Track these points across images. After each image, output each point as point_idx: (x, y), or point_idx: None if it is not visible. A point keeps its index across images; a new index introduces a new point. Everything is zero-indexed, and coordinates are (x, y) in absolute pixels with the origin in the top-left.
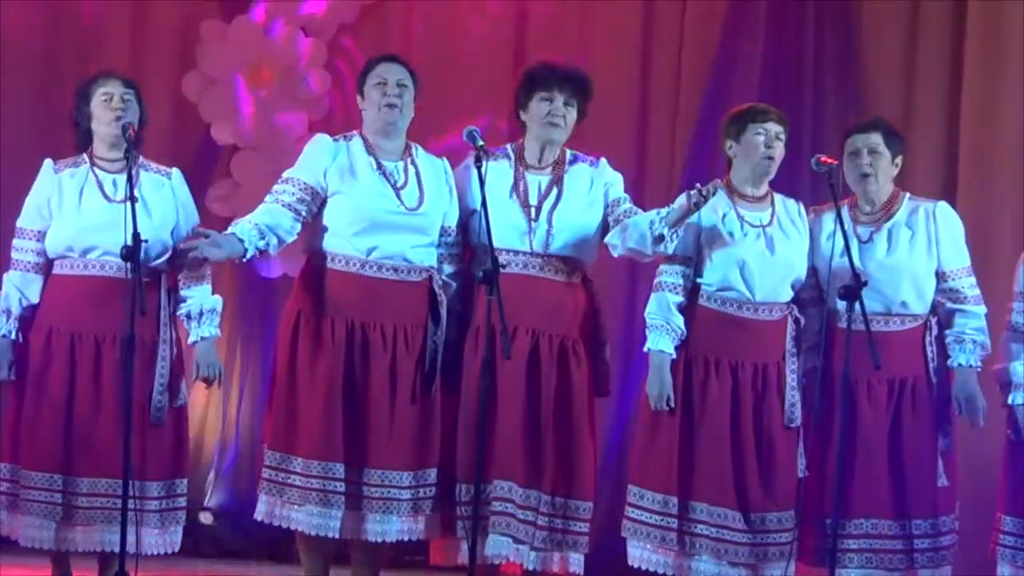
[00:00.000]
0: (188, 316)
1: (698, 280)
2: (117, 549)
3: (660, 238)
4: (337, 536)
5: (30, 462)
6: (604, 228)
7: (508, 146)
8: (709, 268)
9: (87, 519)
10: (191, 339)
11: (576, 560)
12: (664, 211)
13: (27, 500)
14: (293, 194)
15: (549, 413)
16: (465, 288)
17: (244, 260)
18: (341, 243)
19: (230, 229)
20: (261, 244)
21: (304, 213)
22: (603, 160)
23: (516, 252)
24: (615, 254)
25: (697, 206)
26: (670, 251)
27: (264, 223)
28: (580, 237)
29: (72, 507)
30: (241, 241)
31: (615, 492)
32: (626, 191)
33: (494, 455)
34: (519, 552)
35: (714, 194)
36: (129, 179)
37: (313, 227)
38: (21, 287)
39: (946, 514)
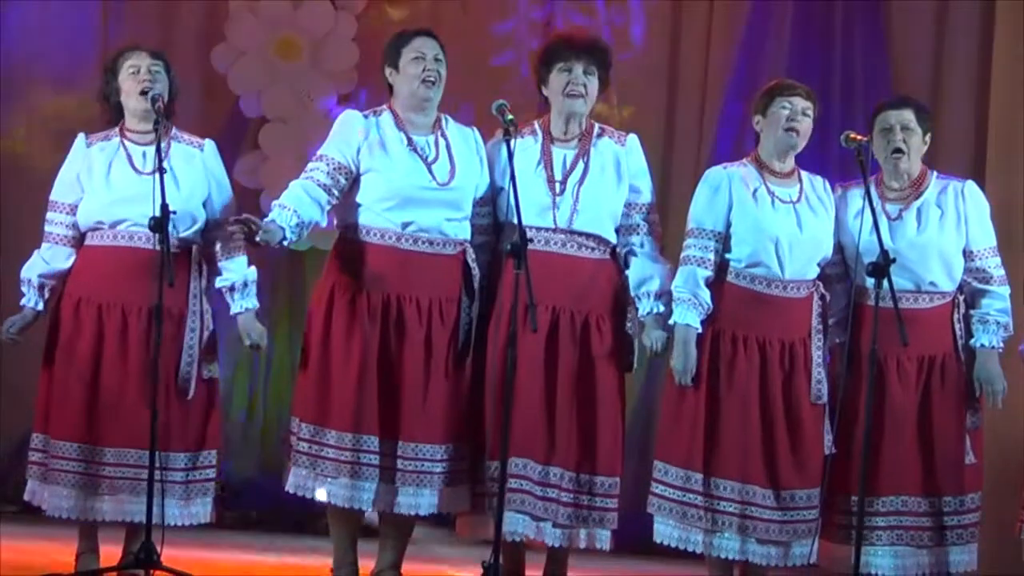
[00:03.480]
0: (231, 288)
1: (727, 256)
2: (142, 519)
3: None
4: (369, 508)
5: (59, 432)
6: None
7: (536, 122)
8: (739, 243)
9: (113, 489)
10: (233, 310)
11: (603, 536)
12: (653, 303)
13: (54, 470)
14: (327, 173)
15: (569, 390)
16: (492, 263)
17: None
18: (375, 217)
19: (271, 216)
20: (293, 237)
21: (337, 193)
22: (631, 138)
23: (539, 228)
24: None
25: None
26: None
27: (303, 213)
28: (606, 214)
29: (98, 476)
30: (282, 229)
31: (642, 468)
32: (653, 174)
33: (512, 433)
34: (540, 529)
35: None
36: (158, 150)
37: (346, 202)
38: (48, 258)
39: (973, 491)
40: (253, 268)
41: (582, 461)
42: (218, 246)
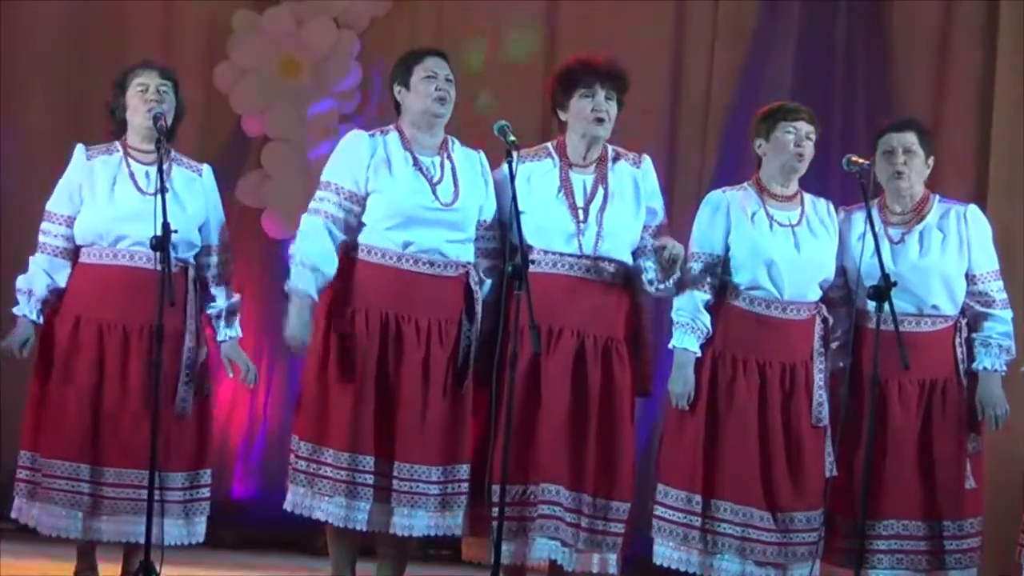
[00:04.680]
0: (217, 316)
1: (726, 278)
2: (142, 540)
3: (651, 282)
4: (364, 529)
5: (54, 451)
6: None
7: (549, 144)
8: (737, 267)
9: (113, 509)
10: (219, 338)
11: (612, 561)
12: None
13: (52, 489)
14: (338, 204)
15: (594, 414)
16: (502, 284)
17: None
18: (376, 236)
19: (298, 284)
20: (316, 297)
21: (352, 221)
22: (646, 160)
23: (563, 255)
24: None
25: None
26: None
27: (326, 268)
28: (627, 240)
29: (99, 497)
30: (312, 297)
31: (640, 489)
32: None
33: (539, 458)
34: (566, 555)
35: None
36: (160, 170)
37: None
38: (49, 271)
39: (973, 516)
40: (238, 297)
41: (600, 486)
42: (211, 271)
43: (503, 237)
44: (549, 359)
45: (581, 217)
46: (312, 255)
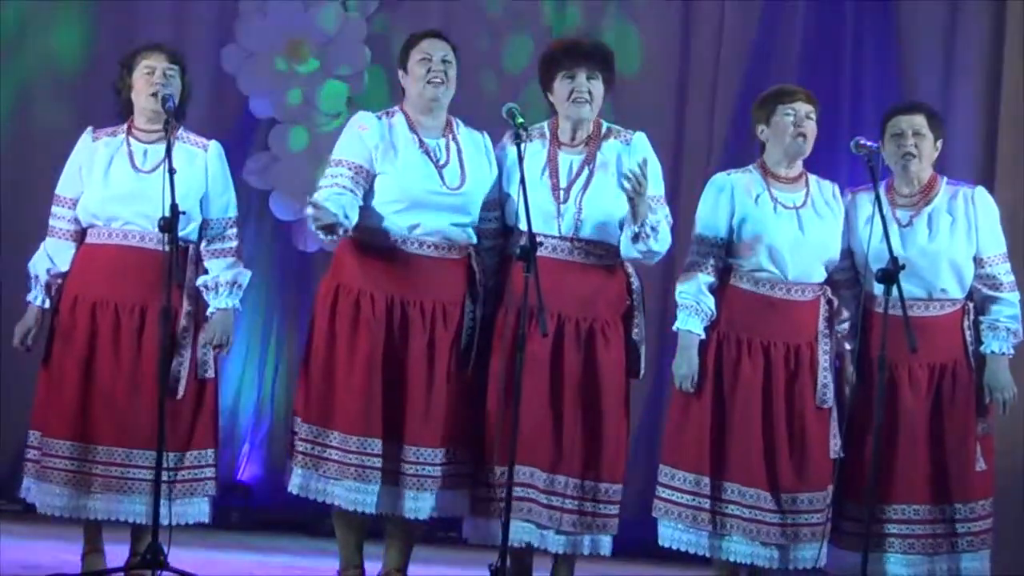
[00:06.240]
0: (206, 287)
1: (730, 260)
2: (135, 519)
3: (636, 236)
4: (374, 511)
5: (51, 429)
6: None
7: (545, 124)
8: (741, 249)
9: (104, 487)
10: (209, 309)
11: (605, 543)
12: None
13: (47, 467)
14: (350, 177)
15: (573, 397)
16: (500, 266)
17: (335, 237)
18: (381, 219)
19: (325, 203)
20: (348, 223)
21: (360, 195)
22: (638, 137)
23: (545, 236)
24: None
25: (635, 191)
26: (656, 247)
27: (351, 213)
28: (610, 222)
29: (90, 475)
30: (342, 209)
31: (647, 473)
32: (663, 177)
33: (516, 439)
34: (543, 537)
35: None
36: (168, 153)
37: None
38: (52, 254)
39: (984, 498)
40: (240, 271)
41: (587, 468)
42: (204, 245)
43: (502, 217)
44: (527, 343)
45: (562, 198)
46: (329, 199)
